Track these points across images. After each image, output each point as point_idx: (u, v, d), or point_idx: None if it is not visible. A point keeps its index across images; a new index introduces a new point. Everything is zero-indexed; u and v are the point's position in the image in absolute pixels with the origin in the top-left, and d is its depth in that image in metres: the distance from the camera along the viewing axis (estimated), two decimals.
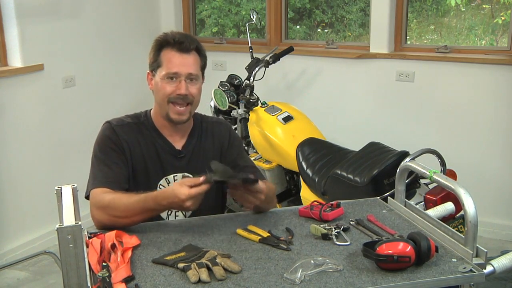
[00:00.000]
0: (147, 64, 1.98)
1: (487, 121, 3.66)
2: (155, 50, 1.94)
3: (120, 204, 1.74)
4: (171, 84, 1.90)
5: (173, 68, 1.89)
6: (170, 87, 1.90)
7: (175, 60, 1.90)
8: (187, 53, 1.91)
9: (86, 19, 3.88)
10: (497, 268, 1.53)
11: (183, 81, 1.90)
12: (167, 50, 1.91)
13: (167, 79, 1.90)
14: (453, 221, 2.21)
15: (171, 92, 1.90)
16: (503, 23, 4.02)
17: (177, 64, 1.89)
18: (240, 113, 3.18)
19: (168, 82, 1.90)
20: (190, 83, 1.91)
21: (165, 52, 1.91)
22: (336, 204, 1.85)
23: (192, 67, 1.91)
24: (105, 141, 1.93)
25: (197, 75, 1.93)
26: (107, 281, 1.40)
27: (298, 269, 1.46)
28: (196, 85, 1.94)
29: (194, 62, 1.92)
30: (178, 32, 1.96)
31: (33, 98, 3.57)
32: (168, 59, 1.90)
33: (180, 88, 1.89)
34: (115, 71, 4.16)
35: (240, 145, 2.15)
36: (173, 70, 1.89)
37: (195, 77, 1.93)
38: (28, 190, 3.56)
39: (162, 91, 1.91)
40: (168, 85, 1.90)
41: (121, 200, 1.75)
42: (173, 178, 1.97)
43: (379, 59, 3.89)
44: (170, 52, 1.90)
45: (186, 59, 1.90)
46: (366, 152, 2.76)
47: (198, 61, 1.95)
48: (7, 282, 3.27)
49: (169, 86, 1.90)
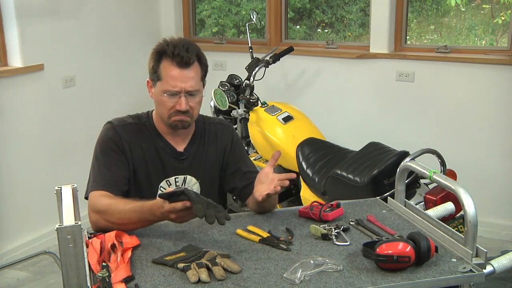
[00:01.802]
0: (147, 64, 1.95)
1: (487, 121, 3.66)
2: (154, 60, 1.90)
3: (115, 211, 1.72)
4: (171, 100, 1.88)
5: (173, 86, 1.86)
6: (171, 103, 1.88)
7: (175, 76, 1.85)
8: (188, 68, 1.87)
9: (86, 19, 3.88)
10: (497, 268, 1.53)
11: (183, 97, 1.87)
12: (166, 63, 1.86)
13: (167, 96, 1.88)
14: (453, 221, 2.21)
15: (171, 108, 1.88)
16: (503, 23, 4.02)
17: (177, 81, 1.85)
18: (240, 113, 3.18)
19: (168, 98, 1.88)
20: (190, 97, 1.89)
21: (165, 64, 1.87)
22: (336, 204, 1.85)
23: (192, 82, 1.87)
24: (107, 141, 1.92)
25: (197, 90, 1.91)
26: (107, 281, 1.40)
27: (298, 269, 1.46)
28: (196, 99, 1.91)
29: (194, 76, 1.89)
30: (178, 41, 1.90)
31: (33, 98, 3.56)
32: (168, 74, 1.86)
33: (180, 104, 1.87)
34: (115, 71, 4.16)
35: (242, 149, 2.14)
36: (174, 89, 1.86)
37: (196, 90, 1.90)
38: (28, 190, 3.56)
39: (163, 106, 1.90)
40: (168, 100, 1.88)
41: (117, 207, 1.73)
42: (174, 180, 1.97)
43: (379, 59, 3.89)
44: (169, 66, 1.86)
45: (186, 74, 1.86)
46: (366, 152, 2.76)
47: (199, 73, 1.91)
48: (7, 282, 3.27)
49: (170, 102, 1.88)
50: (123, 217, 1.71)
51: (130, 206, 1.72)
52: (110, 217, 1.73)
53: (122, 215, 1.71)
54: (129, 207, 1.71)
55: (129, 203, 1.73)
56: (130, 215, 1.70)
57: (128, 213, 1.71)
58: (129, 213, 1.71)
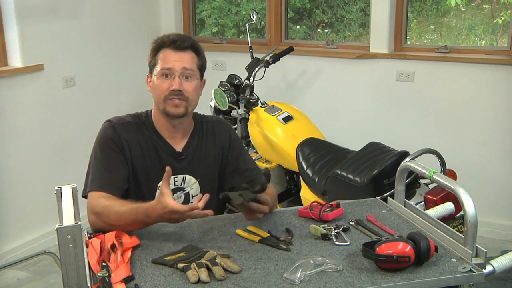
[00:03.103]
0: (147, 64, 1.98)
1: (487, 121, 3.66)
2: (152, 52, 1.95)
3: (112, 213, 1.73)
4: (165, 81, 1.90)
5: (167, 64, 1.90)
6: (165, 84, 1.90)
7: (170, 57, 1.91)
8: (183, 51, 1.92)
9: (86, 19, 3.88)
10: (496, 268, 1.53)
11: (177, 77, 1.89)
12: (163, 50, 1.93)
13: (162, 77, 1.90)
14: (453, 221, 2.21)
15: (166, 89, 1.89)
16: (503, 23, 4.02)
17: (171, 60, 1.90)
18: (240, 113, 3.18)
19: (163, 80, 1.90)
20: (185, 80, 1.90)
21: (162, 52, 1.93)
22: (336, 204, 1.85)
23: (186, 62, 1.91)
24: (106, 140, 1.92)
25: (192, 71, 1.92)
26: (106, 281, 1.40)
27: (297, 269, 1.46)
28: (191, 82, 1.92)
29: (189, 59, 1.92)
30: (175, 33, 1.98)
31: (33, 98, 3.57)
32: (164, 57, 1.91)
33: (174, 84, 1.88)
34: (115, 71, 4.16)
35: (241, 146, 2.14)
36: (167, 66, 1.89)
37: (190, 73, 1.91)
38: (28, 190, 3.56)
39: (157, 89, 1.91)
40: (163, 82, 1.90)
41: (114, 208, 1.73)
42: (173, 180, 1.96)
43: (379, 59, 3.89)
44: (166, 51, 1.92)
45: (181, 55, 1.91)
46: (366, 152, 2.76)
47: (195, 59, 1.94)
48: (7, 282, 3.27)
49: (164, 83, 1.90)
50: (119, 219, 1.71)
51: (125, 208, 1.72)
52: (106, 219, 1.73)
53: (118, 217, 1.72)
54: (124, 209, 1.72)
55: (125, 205, 1.73)
56: (125, 217, 1.71)
57: (123, 215, 1.71)
58: (124, 215, 1.71)
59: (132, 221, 1.70)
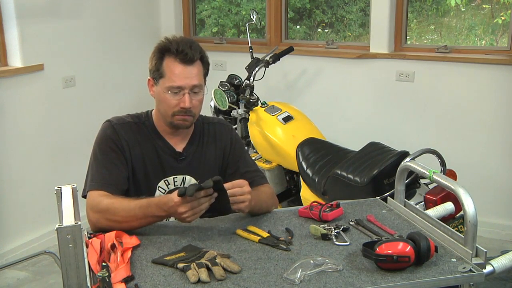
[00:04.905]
0: (147, 64, 1.95)
1: (487, 121, 3.66)
2: (157, 57, 1.89)
3: (120, 208, 1.72)
4: (174, 97, 1.87)
5: (177, 82, 1.85)
6: (174, 100, 1.87)
7: (179, 73, 1.85)
8: (191, 65, 1.87)
9: (86, 19, 3.88)
10: (496, 268, 1.53)
11: (186, 94, 1.87)
12: (169, 60, 1.86)
13: (171, 93, 1.87)
14: (453, 221, 2.21)
15: (175, 106, 1.88)
16: (503, 23, 4.02)
17: (181, 77, 1.85)
18: (240, 113, 3.18)
19: (172, 96, 1.87)
20: (194, 95, 1.89)
21: (168, 61, 1.87)
22: (336, 204, 1.85)
23: (196, 79, 1.88)
24: (105, 140, 1.92)
25: (200, 86, 1.90)
26: (106, 281, 1.40)
27: (297, 269, 1.46)
28: (199, 97, 1.91)
29: (198, 73, 1.89)
30: (181, 39, 1.90)
31: (33, 98, 3.57)
32: (171, 71, 1.86)
33: (184, 102, 1.86)
34: (115, 71, 4.16)
35: (242, 149, 2.13)
36: (177, 84, 1.85)
37: (199, 88, 1.90)
38: (28, 190, 3.56)
39: (165, 104, 1.89)
40: (172, 98, 1.87)
41: (121, 204, 1.73)
42: (173, 180, 1.96)
43: (379, 59, 3.89)
44: (173, 63, 1.86)
45: (190, 71, 1.86)
46: (366, 152, 2.76)
47: (201, 70, 1.91)
48: (7, 282, 3.27)
49: (173, 100, 1.87)
50: (128, 214, 1.71)
51: (136, 202, 1.72)
52: (112, 216, 1.72)
53: (127, 212, 1.71)
54: (134, 203, 1.72)
55: (134, 200, 1.74)
56: (135, 212, 1.70)
57: (134, 209, 1.71)
58: (134, 209, 1.71)
59: (142, 215, 1.70)
